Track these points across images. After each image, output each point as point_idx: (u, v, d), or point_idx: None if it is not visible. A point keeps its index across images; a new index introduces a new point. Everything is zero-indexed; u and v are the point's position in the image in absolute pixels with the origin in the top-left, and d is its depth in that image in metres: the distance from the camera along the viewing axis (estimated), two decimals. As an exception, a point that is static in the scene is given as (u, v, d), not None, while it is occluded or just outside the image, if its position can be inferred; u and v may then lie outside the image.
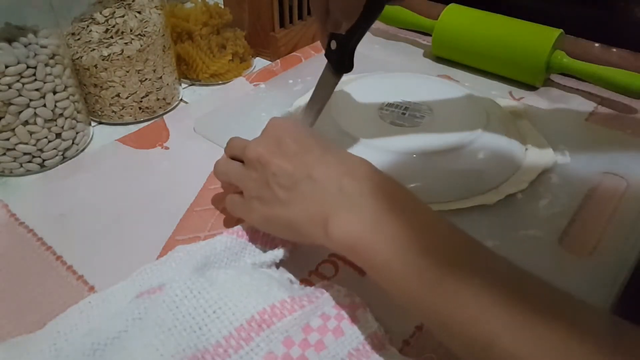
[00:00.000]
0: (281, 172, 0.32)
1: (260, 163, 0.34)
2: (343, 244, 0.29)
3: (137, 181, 0.43)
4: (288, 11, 0.62)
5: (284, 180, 0.32)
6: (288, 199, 0.32)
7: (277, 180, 0.32)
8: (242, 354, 0.26)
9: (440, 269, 0.26)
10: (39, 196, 0.42)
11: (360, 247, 0.28)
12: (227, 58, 0.58)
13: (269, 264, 0.35)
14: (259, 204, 0.34)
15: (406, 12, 0.67)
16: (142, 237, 0.38)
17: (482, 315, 0.24)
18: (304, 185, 0.31)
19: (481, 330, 0.24)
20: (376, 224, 0.28)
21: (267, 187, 0.33)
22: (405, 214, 0.28)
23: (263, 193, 0.33)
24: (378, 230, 0.28)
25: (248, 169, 0.35)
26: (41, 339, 0.28)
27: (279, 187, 0.32)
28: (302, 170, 0.32)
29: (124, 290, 0.31)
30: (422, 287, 0.26)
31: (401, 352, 0.30)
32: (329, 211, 0.30)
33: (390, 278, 0.27)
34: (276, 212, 0.32)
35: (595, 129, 0.51)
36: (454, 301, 0.25)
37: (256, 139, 0.36)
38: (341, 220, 0.29)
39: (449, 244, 0.27)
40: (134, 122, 0.52)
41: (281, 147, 0.33)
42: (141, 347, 0.26)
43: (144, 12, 0.48)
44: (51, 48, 0.42)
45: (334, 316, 0.29)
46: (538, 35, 0.56)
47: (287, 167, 0.32)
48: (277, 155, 0.33)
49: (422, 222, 0.28)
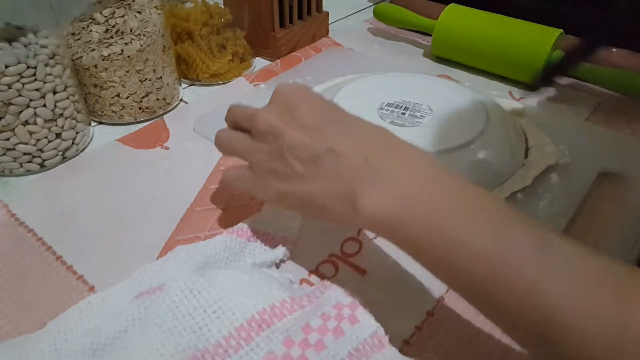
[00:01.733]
0: (298, 145, 0.30)
1: (273, 134, 0.31)
2: (374, 222, 0.28)
3: (137, 181, 0.43)
4: (288, 11, 0.62)
5: (302, 153, 0.30)
6: (308, 174, 0.30)
7: (294, 153, 0.30)
8: (242, 354, 0.26)
9: (483, 241, 0.25)
10: (39, 196, 0.42)
11: (393, 224, 0.27)
12: (227, 58, 0.58)
13: (269, 264, 0.35)
14: (273, 178, 0.32)
15: (406, 12, 0.67)
16: (142, 237, 0.38)
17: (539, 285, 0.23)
18: (327, 160, 0.29)
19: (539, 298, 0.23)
20: (410, 198, 0.27)
21: (282, 161, 0.31)
22: (439, 185, 0.27)
23: (277, 167, 0.31)
24: (413, 205, 0.26)
25: (258, 140, 0.33)
26: (41, 339, 0.28)
27: (296, 160, 0.30)
28: (321, 144, 0.30)
29: (124, 290, 0.31)
30: (468, 261, 0.25)
31: (401, 352, 0.30)
32: (357, 187, 0.28)
33: (428, 253, 0.27)
34: (295, 187, 0.31)
35: (595, 129, 0.51)
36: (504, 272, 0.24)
37: (265, 107, 0.33)
38: (372, 196, 0.27)
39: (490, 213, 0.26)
40: (134, 122, 0.52)
41: (296, 117, 0.31)
42: (141, 347, 0.26)
43: (144, 12, 0.48)
44: (51, 48, 0.42)
45: (334, 316, 0.29)
46: (538, 35, 0.56)
47: (305, 139, 0.30)
48: (293, 126, 0.31)
49: (458, 192, 0.27)
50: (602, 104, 0.55)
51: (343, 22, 0.76)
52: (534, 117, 0.50)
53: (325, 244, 0.37)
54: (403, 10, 0.68)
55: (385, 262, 0.36)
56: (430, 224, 0.26)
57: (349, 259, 0.36)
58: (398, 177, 0.28)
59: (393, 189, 0.27)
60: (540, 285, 0.23)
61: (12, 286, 0.34)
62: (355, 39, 0.70)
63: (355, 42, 0.68)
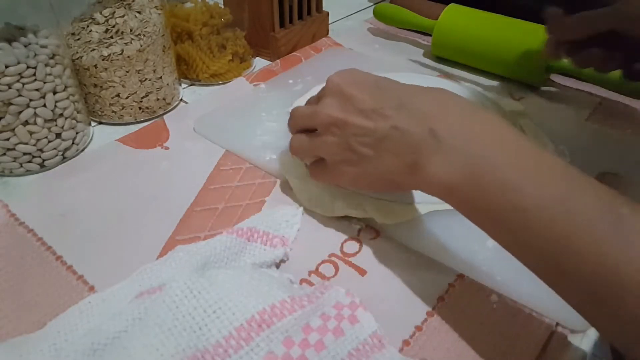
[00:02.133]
0: (362, 131, 0.32)
1: (337, 126, 0.33)
2: (439, 188, 0.30)
3: (137, 181, 0.43)
4: (288, 11, 0.62)
5: (368, 139, 0.32)
6: (376, 155, 0.32)
7: (360, 140, 0.32)
8: (242, 354, 0.26)
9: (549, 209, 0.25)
10: (39, 196, 0.42)
11: (458, 191, 0.28)
12: (227, 58, 0.58)
13: (269, 264, 0.35)
14: (346, 166, 0.34)
15: (406, 12, 0.67)
16: (142, 237, 0.38)
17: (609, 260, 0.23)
18: (391, 138, 0.31)
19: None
20: (473, 164, 0.28)
21: (351, 149, 0.33)
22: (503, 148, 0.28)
23: (348, 156, 0.33)
24: (476, 171, 0.27)
25: (324, 135, 0.34)
26: (41, 339, 0.28)
27: (363, 146, 0.32)
28: (384, 124, 0.31)
29: (124, 290, 0.31)
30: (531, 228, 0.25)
31: (401, 352, 0.30)
32: (421, 156, 0.30)
33: (488, 217, 0.28)
34: (366, 169, 0.33)
35: (595, 129, 0.51)
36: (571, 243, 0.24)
37: (322, 101, 0.35)
38: (437, 164, 0.29)
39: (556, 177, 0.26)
40: (134, 122, 0.52)
41: (353, 104, 0.33)
42: (141, 347, 0.26)
43: (144, 12, 0.48)
44: (51, 48, 0.42)
45: (334, 316, 0.29)
46: (538, 35, 0.55)
47: (368, 124, 0.32)
48: (353, 113, 0.33)
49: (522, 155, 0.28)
50: (602, 104, 0.55)
51: (343, 22, 0.76)
52: (534, 117, 0.50)
53: (325, 244, 0.37)
54: (403, 10, 0.68)
55: (385, 262, 0.36)
56: (498, 191, 0.27)
57: (349, 259, 0.36)
58: (462, 143, 0.29)
59: (460, 156, 0.28)
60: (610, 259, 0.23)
61: (12, 286, 0.34)
62: (355, 39, 0.70)
63: (355, 42, 0.68)
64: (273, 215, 0.38)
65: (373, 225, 0.39)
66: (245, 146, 0.46)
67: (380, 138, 0.31)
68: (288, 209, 0.39)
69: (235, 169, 0.45)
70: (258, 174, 0.44)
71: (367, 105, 0.32)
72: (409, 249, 0.37)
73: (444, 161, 0.29)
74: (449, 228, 0.37)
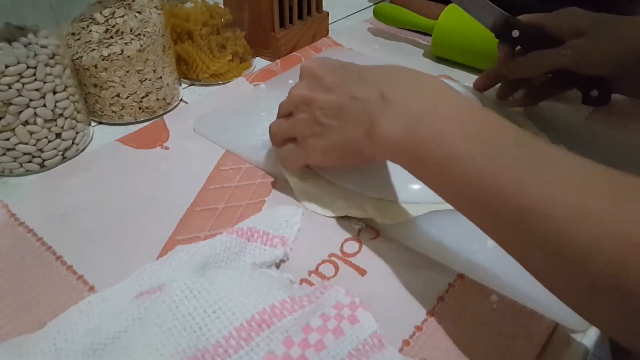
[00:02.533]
0: (327, 105, 0.35)
1: (306, 103, 0.36)
2: (388, 148, 0.32)
3: (137, 181, 0.43)
4: (288, 11, 0.62)
5: (332, 111, 0.35)
6: (340, 124, 0.34)
7: (325, 112, 0.35)
8: (242, 354, 0.26)
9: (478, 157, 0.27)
10: (39, 196, 0.42)
11: (403, 146, 0.31)
12: (227, 58, 0.58)
13: (269, 264, 0.35)
14: (315, 140, 0.36)
15: (406, 12, 0.67)
16: (142, 237, 0.38)
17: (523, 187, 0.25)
18: (351, 107, 0.34)
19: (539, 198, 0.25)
20: (417, 122, 0.30)
21: (317, 122, 0.35)
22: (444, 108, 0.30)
23: (316, 129, 0.36)
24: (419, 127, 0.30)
25: (296, 113, 0.37)
26: (41, 339, 0.28)
27: (328, 118, 0.35)
28: (345, 96, 0.34)
29: (124, 290, 0.31)
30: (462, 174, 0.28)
31: (401, 352, 0.30)
32: (374, 120, 0.32)
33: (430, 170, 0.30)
34: (332, 140, 0.35)
35: (595, 129, 0.51)
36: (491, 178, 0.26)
37: (295, 84, 0.38)
38: (385, 123, 0.31)
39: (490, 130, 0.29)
40: (134, 122, 0.52)
41: (321, 83, 0.36)
42: (141, 347, 0.26)
43: (144, 12, 0.48)
44: (51, 48, 0.42)
45: (334, 316, 0.29)
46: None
47: (331, 97, 0.35)
48: (320, 91, 0.36)
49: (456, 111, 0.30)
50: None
51: (343, 22, 0.76)
52: (534, 116, 0.50)
53: (325, 244, 0.37)
54: (403, 10, 0.68)
55: (385, 262, 0.36)
56: (433, 143, 0.29)
57: (349, 259, 0.36)
58: (408, 104, 0.31)
59: (403, 115, 0.31)
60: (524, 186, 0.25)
61: (12, 286, 0.34)
62: (355, 39, 0.70)
63: (355, 42, 0.68)
64: (273, 215, 0.38)
65: (373, 225, 0.39)
66: (245, 146, 0.46)
67: (342, 109, 0.34)
68: (288, 209, 0.39)
69: (235, 169, 0.45)
70: (258, 174, 0.44)
71: (332, 83, 0.35)
72: (409, 249, 0.37)
73: (391, 121, 0.31)
74: (449, 228, 0.37)
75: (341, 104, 0.34)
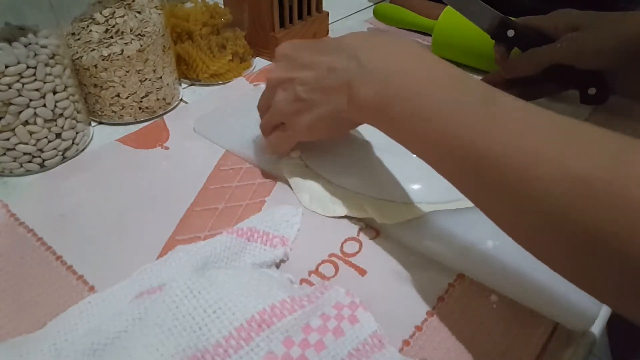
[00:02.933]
0: (306, 81, 0.35)
1: (283, 83, 0.37)
2: (367, 111, 0.32)
3: (137, 181, 0.43)
4: (288, 11, 0.62)
5: (312, 85, 0.35)
6: (323, 97, 0.35)
7: (306, 88, 0.36)
8: (242, 354, 0.26)
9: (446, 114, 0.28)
10: (39, 196, 0.42)
11: (379, 107, 0.31)
12: (227, 58, 0.58)
13: (269, 264, 0.35)
14: (300, 116, 0.37)
15: (406, 12, 0.67)
16: (142, 237, 0.38)
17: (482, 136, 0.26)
18: (330, 78, 0.34)
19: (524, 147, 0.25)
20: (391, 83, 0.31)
21: (299, 99, 0.36)
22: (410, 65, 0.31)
23: (300, 106, 0.36)
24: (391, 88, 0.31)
25: (277, 95, 0.38)
26: (41, 339, 0.28)
27: (309, 93, 0.35)
28: (322, 69, 0.35)
29: (124, 290, 0.31)
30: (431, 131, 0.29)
31: (401, 352, 0.30)
32: (352, 86, 0.33)
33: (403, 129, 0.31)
34: (318, 113, 0.36)
35: (595, 129, 0.51)
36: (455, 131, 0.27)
37: (270, 69, 0.39)
38: (361, 87, 0.32)
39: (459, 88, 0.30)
40: (134, 122, 0.52)
41: (298, 62, 0.36)
42: (141, 347, 0.26)
43: (144, 12, 0.48)
44: (51, 48, 0.42)
45: (334, 316, 0.29)
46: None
47: (309, 73, 0.35)
48: (296, 70, 0.36)
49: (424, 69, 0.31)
50: (602, 104, 0.55)
51: (343, 22, 0.76)
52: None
53: (325, 244, 0.37)
54: (403, 10, 0.68)
55: (385, 262, 0.36)
56: (406, 101, 0.30)
57: (349, 259, 0.36)
58: (382, 67, 0.32)
59: (378, 78, 0.32)
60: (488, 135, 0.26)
61: (12, 286, 0.34)
62: (355, 39, 0.69)
63: (355, 42, 0.68)
64: (273, 215, 0.38)
65: (373, 225, 0.39)
66: (245, 146, 0.46)
67: (321, 81, 0.35)
68: (288, 209, 0.39)
69: (235, 169, 0.45)
70: (258, 174, 0.44)
71: (307, 60, 0.36)
72: (409, 249, 0.37)
73: (366, 84, 0.32)
74: (449, 228, 0.37)
75: (320, 76, 0.35)
